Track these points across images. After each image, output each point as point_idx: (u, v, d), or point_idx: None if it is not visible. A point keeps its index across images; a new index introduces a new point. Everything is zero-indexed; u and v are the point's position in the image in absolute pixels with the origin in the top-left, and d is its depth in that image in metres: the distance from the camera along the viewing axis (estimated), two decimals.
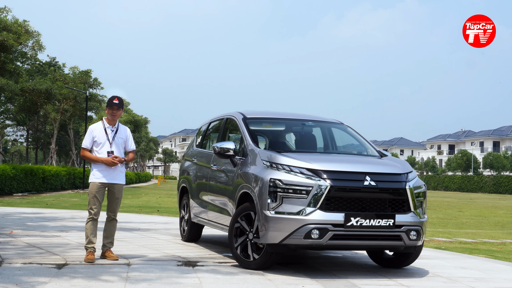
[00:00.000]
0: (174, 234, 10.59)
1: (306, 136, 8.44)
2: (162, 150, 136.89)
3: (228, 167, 7.77)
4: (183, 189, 9.79)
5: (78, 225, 11.83)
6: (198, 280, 6.06)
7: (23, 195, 25.36)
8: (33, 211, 15.76)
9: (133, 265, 6.86)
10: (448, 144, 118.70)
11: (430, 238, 12.00)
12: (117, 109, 7.33)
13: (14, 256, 7.26)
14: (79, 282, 5.75)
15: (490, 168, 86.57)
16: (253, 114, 8.31)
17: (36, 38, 33.12)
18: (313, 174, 6.55)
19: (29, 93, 37.76)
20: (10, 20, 30.89)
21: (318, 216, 6.38)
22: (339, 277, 6.60)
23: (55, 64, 55.77)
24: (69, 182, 34.24)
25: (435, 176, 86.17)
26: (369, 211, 6.54)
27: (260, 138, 8.15)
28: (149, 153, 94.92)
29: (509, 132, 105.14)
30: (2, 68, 30.02)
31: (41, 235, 9.71)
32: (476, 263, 8.35)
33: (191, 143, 10.07)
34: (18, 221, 12.31)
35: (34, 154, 77.52)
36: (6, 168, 24.48)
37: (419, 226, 6.77)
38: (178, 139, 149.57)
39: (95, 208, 7.19)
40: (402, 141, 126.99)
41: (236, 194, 7.29)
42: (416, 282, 6.51)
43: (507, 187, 69.01)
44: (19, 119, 56.17)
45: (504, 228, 16.45)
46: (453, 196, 51.81)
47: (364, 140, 8.32)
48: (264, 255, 6.73)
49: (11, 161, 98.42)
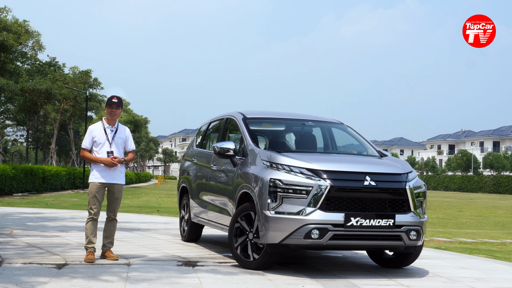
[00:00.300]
0: (174, 234, 10.59)
1: (306, 136, 8.44)
2: (162, 150, 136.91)
3: (228, 167, 7.77)
4: (183, 189, 9.79)
5: (78, 225, 11.83)
6: (198, 280, 6.06)
7: (23, 195, 25.36)
8: (33, 211, 15.76)
9: (133, 265, 6.86)
10: (448, 144, 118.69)
11: (430, 238, 11.99)
12: (116, 108, 7.32)
13: (14, 256, 7.26)
14: (79, 282, 5.75)
15: (490, 168, 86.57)
16: (253, 114, 8.31)
17: (36, 38, 33.15)
18: (313, 174, 6.55)
19: (29, 93, 37.76)
20: (10, 20, 30.90)
21: (318, 216, 6.38)
22: (339, 277, 6.60)
23: (55, 64, 55.78)
24: (69, 182, 34.24)
25: (435, 176, 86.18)
26: (369, 211, 6.54)
27: (260, 138, 8.15)
28: (149, 153, 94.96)
29: (509, 132, 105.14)
30: (2, 68, 30.01)
31: (41, 235, 9.70)
32: (476, 263, 8.34)
33: (191, 143, 10.06)
34: (18, 221, 12.31)
35: (34, 154, 77.52)
36: (6, 168, 24.48)
37: (419, 226, 6.77)
38: (178, 139, 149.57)
39: (95, 208, 7.19)
40: (402, 141, 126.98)
41: (236, 194, 7.29)
42: (416, 282, 6.51)
43: (507, 187, 69.02)
44: (19, 119, 56.19)
45: (504, 228, 16.45)
46: (453, 196, 51.81)
47: (364, 140, 8.32)
48: (264, 255, 6.73)
49: (11, 161, 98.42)
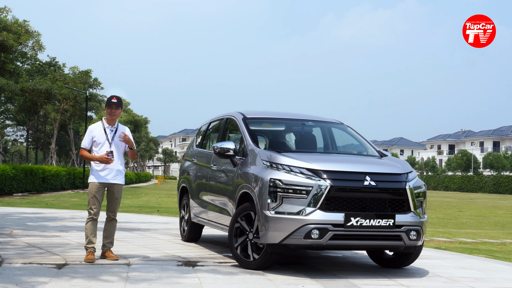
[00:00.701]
0: (174, 234, 10.59)
1: (306, 136, 8.44)
2: (162, 150, 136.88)
3: (228, 167, 7.77)
4: (183, 189, 9.79)
5: (78, 225, 11.83)
6: (198, 280, 6.06)
7: (23, 195, 25.36)
8: (33, 211, 15.76)
9: (133, 265, 6.86)
10: (448, 144, 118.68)
11: (430, 238, 11.99)
12: (115, 108, 7.32)
13: (14, 256, 7.26)
14: (79, 282, 5.75)
15: (490, 168, 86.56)
16: (253, 114, 8.31)
17: (36, 38, 33.16)
18: (313, 174, 6.55)
19: (29, 93, 37.76)
20: (10, 20, 30.92)
21: (318, 216, 6.38)
22: (339, 277, 6.60)
23: (55, 64, 55.75)
24: (69, 182, 34.24)
25: (435, 176, 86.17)
26: (369, 211, 6.54)
27: (260, 138, 8.15)
28: (149, 153, 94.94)
29: (509, 132, 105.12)
30: (2, 68, 30.02)
31: (41, 235, 9.70)
32: (476, 263, 8.34)
33: (191, 143, 10.06)
34: (18, 221, 12.31)
35: (34, 154, 77.51)
36: (6, 168, 24.48)
37: (419, 226, 6.77)
38: (178, 139, 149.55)
39: (94, 208, 7.19)
40: (402, 141, 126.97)
41: (236, 194, 7.29)
42: (416, 282, 6.51)
43: (507, 187, 69.01)
44: (19, 119, 56.18)
45: (504, 228, 16.45)
46: (453, 196, 51.81)
47: (364, 140, 8.32)
48: (264, 255, 6.73)
49: (11, 161, 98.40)
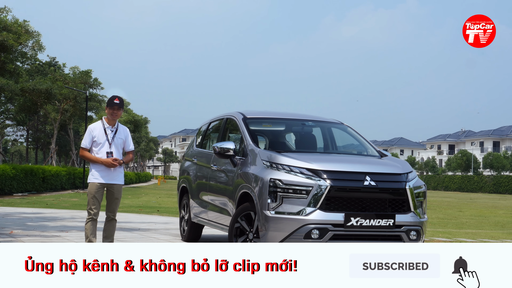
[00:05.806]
0: (174, 234, 10.58)
1: (306, 136, 8.43)
2: (162, 150, 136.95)
3: (228, 167, 7.76)
4: (183, 189, 9.79)
5: (78, 225, 11.83)
6: None
7: (23, 195, 25.36)
8: (33, 211, 15.76)
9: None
10: (448, 144, 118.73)
11: (430, 238, 11.99)
12: (117, 109, 7.30)
13: None
14: None
15: (490, 168, 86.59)
16: (253, 114, 8.30)
17: (36, 38, 33.17)
18: (313, 174, 6.55)
19: (29, 93, 37.76)
20: (10, 20, 30.93)
21: (318, 216, 6.38)
22: None
23: (55, 64, 55.79)
24: (69, 182, 34.25)
25: (435, 176, 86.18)
26: (369, 211, 6.54)
27: (260, 138, 8.14)
28: (149, 153, 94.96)
29: (509, 132, 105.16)
30: (2, 68, 30.02)
31: (41, 235, 9.70)
32: None
33: (191, 143, 10.06)
34: (18, 221, 12.31)
35: (34, 154, 77.54)
36: (6, 168, 24.48)
37: (419, 226, 6.77)
38: (178, 139, 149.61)
39: (94, 208, 7.18)
40: (402, 141, 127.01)
41: (236, 194, 7.28)
42: None
43: (507, 187, 69.02)
44: (19, 119, 56.21)
45: (504, 228, 16.44)
46: (453, 196, 51.82)
47: (364, 140, 8.31)
48: None
49: (11, 161, 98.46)
